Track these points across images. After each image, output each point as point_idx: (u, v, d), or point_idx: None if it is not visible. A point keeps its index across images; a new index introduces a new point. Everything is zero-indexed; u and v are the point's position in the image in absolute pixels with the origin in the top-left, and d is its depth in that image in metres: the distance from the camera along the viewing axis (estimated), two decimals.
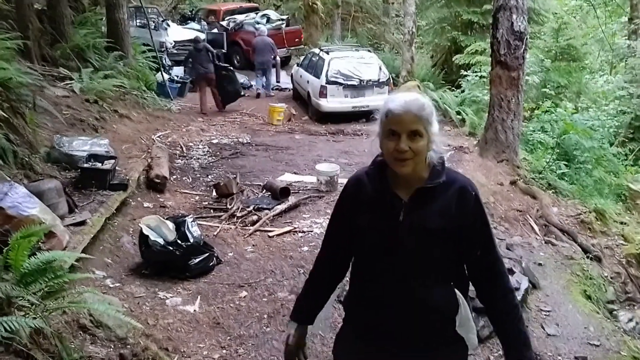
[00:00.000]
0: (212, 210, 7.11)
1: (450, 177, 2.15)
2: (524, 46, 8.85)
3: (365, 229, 2.20)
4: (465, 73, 14.19)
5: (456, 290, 2.16)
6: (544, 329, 4.65)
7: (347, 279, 2.44)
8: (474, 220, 2.13)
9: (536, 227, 6.98)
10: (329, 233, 2.40)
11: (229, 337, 4.39)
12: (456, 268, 2.21)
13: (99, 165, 6.63)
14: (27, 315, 2.87)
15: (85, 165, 6.53)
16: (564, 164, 9.47)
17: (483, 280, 2.21)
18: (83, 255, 4.49)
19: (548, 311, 4.95)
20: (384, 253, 2.15)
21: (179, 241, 5.32)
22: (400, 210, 2.12)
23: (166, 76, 13.84)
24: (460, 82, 14.26)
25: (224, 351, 4.20)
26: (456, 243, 2.13)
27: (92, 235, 5.34)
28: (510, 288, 2.22)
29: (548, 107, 10.92)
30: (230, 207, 7.08)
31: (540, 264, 5.84)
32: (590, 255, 6.36)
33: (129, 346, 3.73)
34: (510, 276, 4.64)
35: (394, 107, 2.06)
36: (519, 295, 4.64)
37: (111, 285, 4.99)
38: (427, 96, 2.17)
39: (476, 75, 13.59)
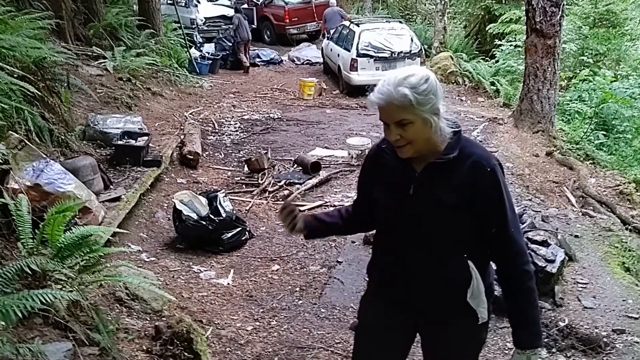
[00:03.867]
0: (244, 186, 7.15)
1: (467, 152, 2.08)
2: (560, 13, 8.57)
3: (380, 201, 2.23)
4: (499, 42, 13.85)
5: (470, 263, 2.12)
6: (580, 302, 4.57)
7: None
8: (487, 196, 2.07)
9: (573, 199, 6.82)
10: (357, 196, 2.49)
11: (261, 310, 4.45)
12: (472, 241, 2.15)
13: (132, 142, 6.73)
14: (63, 288, 2.94)
15: (120, 142, 6.64)
16: (603, 134, 9.21)
17: (498, 259, 2.17)
18: (118, 230, 4.59)
19: (585, 283, 4.85)
20: (397, 225, 2.17)
21: (212, 216, 5.37)
22: (411, 184, 2.10)
23: (197, 53, 13.89)
24: (494, 52, 13.94)
25: (257, 323, 4.26)
26: (469, 218, 2.09)
27: (127, 211, 5.44)
28: (525, 270, 2.11)
29: (586, 75, 10.59)
30: (261, 182, 7.11)
31: (576, 236, 5.72)
32: (630, 227, 6.19)
33: (164, 318, 3.80)
34: (545, 248, 4.62)
35: (375, 99, 2.00)
36: (554, 268, 4.56)
37: (146, 259, 5.09)
38: (424, 72, 2.03)
39: (511, 45, 13.25)
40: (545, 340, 3.98)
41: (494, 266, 2.29)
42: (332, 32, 14.45)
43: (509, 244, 2.11)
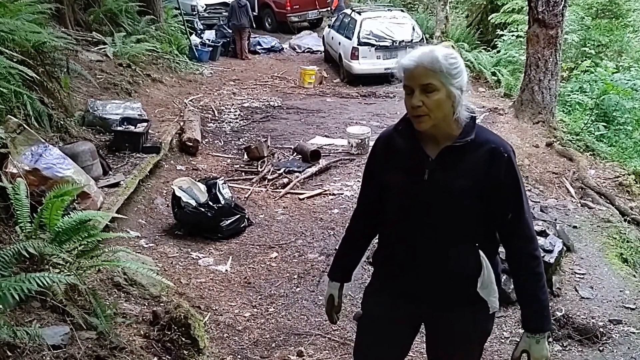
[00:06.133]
0: (243, 173, 7.15)
1: (482, 137, 2.07)
2: (563, 3, 8.51)
3: (392, 187, 2.17)
4: (501, 32, 13.80)
5: (480, 252, 2.11)
6: (577, 292, 4.59)
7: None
8: (504, 183, 2.06)
9: (572, 190, 6.82)
10: (362, 190, 2.40)
11: (259, 296, 4.46)
12: (483, 229, 2.14)
13: (132, 128, 6.70)
14: (61, 272, 2.94)
15: (119, 128, 6.62)
16: (603, 126, 9.19)
17: (509, 244, 2.16)
18: (117, 215, 4.58)
19: (582, 274, 4.87)
20: (409, 211, 2.13)
21: (211, 203, 5.38)
22: (425, 169, 2.07)
23: (198, 40, 13.83)
24: (496, 42, 13.88)
25: (255, 310, 4.27)
26: (484, 205, 2.08)
27: (125, 197, 5.45)
28: (535, 255, 2.12)
29: (587, 66, 10.56)
30: (261, 170, 7.11)
31: (575, 227, 5.72)
32: (628, 218, 6.20)
33: (162, 304, 3.81)
34: (543, 238, 4.63)
35: (406, 62, 2.01)
36: (552, 258, 4.57)
37: (145, 245, 5.10)
38: (455, 51, 2.07)
39: (512, 35, 13.20)
40: None
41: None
42: (334, 19, 14.39)
43: (522, 230, 2.12)
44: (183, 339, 3.34)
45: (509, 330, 4.07)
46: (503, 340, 3.96)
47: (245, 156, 7.59)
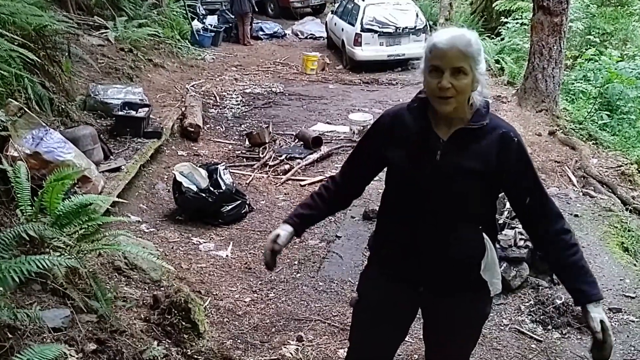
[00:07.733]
0: (244, 159, 7.14)
1: (494, 122, 2.07)
2: None
3: (397, 166, 2.15)
4: (505, 20, 13.69)
5: (484, 235, 2.12)
6: None
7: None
8: (518, 166, 2.06)
9: (574, 179, 6.81)
10: (350, 160, 2.35)
11: (260, 282, 4.47)
12: (487, 213, 2.16)
13: (133, 113, 6.68)
14: (62, 256, 2.94)
15: (120, 113, 6.60)
16: (606, 115, 9.14)
17: (539, 224, 2.12)
18: (117, 199, 4.57)
19: None
20: (415, 192, 2.11)
21: (212, 188, 5.38)
22: (437, 150, 2.06)
23: (200, 25, 13.77)
24: (500, 30, 13.77)
25: (255, 295, 4.28)
26: (491, 188, 2.08)
27: (127, 181, 5.45)
28: (567, 229, 2.09)
29: (592, 54, 10.48)
30: (262, 156, 7.10)
31: (576, 216, 5.71)
32: (630, 208, 6.18)
33: (162, 288, 3.82)
34: None
35: (439, 41, 1.97)
36: None
37: (146, 230, 5.10)
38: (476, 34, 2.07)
39: (517, 22, 13.08)
40: (542, 317, 4.02)
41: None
42: (337, 5, 14.30)
43: (549, 207, 2.10)
44: (183, 323, 3.35)
45: (508, 318, 4.07)
46: (502, 328, 3.97)
47: (247, 142, 7.58)
